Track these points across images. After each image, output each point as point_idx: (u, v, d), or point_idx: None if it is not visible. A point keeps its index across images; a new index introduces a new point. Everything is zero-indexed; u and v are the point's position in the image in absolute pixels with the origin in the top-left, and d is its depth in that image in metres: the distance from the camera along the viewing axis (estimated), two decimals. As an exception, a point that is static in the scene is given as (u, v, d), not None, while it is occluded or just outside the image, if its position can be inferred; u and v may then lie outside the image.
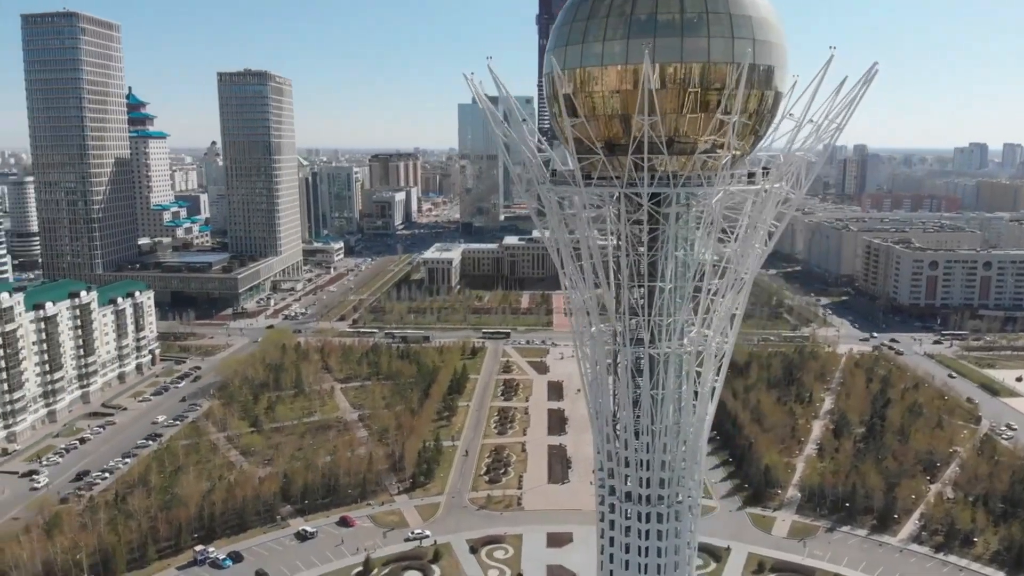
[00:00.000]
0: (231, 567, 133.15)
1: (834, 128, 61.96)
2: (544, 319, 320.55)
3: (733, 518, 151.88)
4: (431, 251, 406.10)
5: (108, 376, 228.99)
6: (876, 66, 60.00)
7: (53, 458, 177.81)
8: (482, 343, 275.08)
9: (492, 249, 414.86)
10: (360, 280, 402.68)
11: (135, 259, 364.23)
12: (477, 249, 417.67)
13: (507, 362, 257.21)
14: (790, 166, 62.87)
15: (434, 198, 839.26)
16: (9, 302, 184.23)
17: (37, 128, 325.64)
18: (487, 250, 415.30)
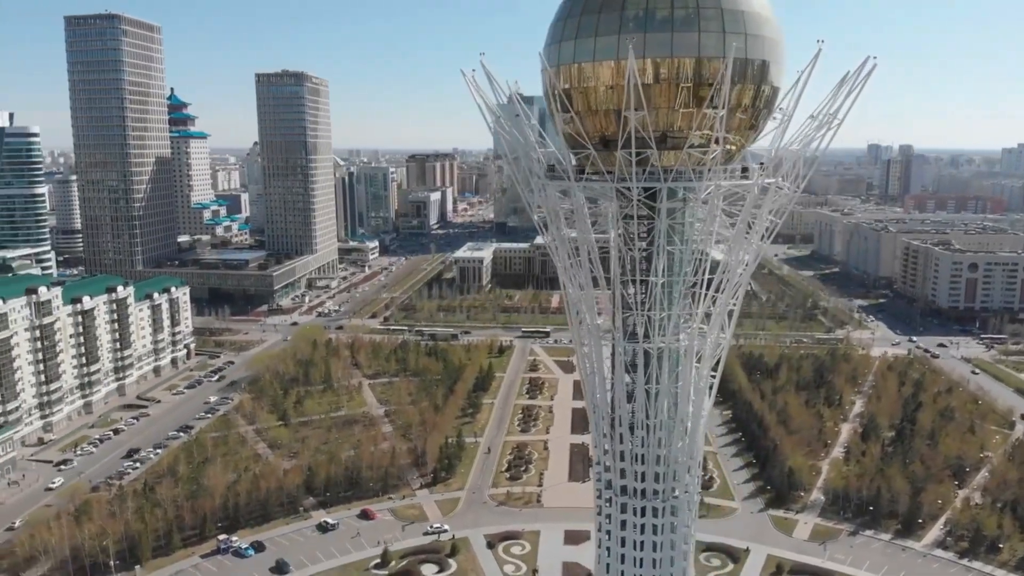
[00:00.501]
0: (253, 556, 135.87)
1: (834, 123, 61.59)
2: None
3: (754, 520, 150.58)
4: (463, 250, 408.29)
5: (144, 369, 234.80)
6: (875, 61, 59.59)
7: (87, 448, 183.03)
8: (510, 341, 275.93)
9: (523, 248, 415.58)
10: (393, 278, 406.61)
11: (174, 256, 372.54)
12: (508, 248, 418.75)
13: (534, 360, 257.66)
14: (783, 161, 62.55)
15: (470, 198, 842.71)
16: (47, 296, 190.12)
17: (80, 128, 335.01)
18: (518, 249, 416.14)
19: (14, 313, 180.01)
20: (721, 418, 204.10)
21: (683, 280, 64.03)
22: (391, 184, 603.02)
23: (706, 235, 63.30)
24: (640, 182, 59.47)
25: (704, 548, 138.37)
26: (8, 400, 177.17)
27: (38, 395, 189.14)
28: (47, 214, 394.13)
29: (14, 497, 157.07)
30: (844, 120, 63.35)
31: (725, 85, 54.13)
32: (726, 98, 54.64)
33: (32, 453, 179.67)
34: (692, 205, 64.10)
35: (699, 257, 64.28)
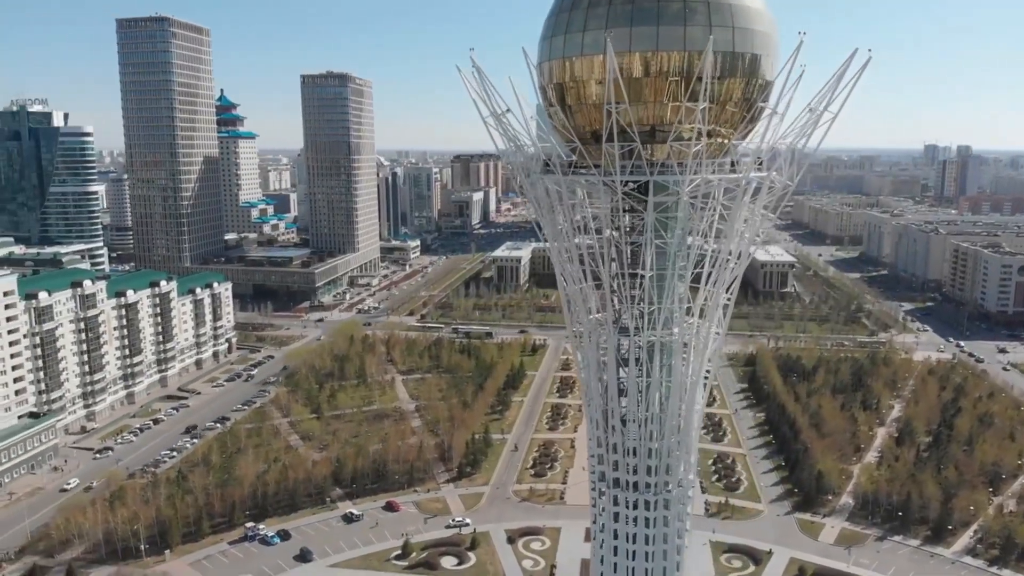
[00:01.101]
0: (278, 544, 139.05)
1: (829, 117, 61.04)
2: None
3: (780, 522, 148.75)
4: (501, 249, 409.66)
5: (186, 362, 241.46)
6: (869, 53, 58.86)
7: (127, 436, 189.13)
8: (544, 340, 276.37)
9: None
10: (432, 277, 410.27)
11: (221, 253, 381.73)
12: (547, 248, 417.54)
13: (567, 359, 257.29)
14: (777, 156, 62.16)
15: (514, 198, 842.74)
16: (92, 289, 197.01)
17: (131, 127, 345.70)
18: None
19: (59, 305, 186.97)
20: (754, 420, 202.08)
21: (674, 274, 63.89)
22: (434, 184, 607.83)
23: (696, 229, 62.96)
24: (624, 176, 59.63)
25: (726, 549, 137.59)
26: (52, 389, 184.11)
27: (82, 385, 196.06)
28: (100, 211, 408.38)
29: (55, 482, 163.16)
30: (839, 114, 62.86)
31: (706, 79, 54.11)
32: (706, 92, 54.59)
33: (75, 441, 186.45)
34: (685, 199, 63.94)
35: (686, 252, 63.93)
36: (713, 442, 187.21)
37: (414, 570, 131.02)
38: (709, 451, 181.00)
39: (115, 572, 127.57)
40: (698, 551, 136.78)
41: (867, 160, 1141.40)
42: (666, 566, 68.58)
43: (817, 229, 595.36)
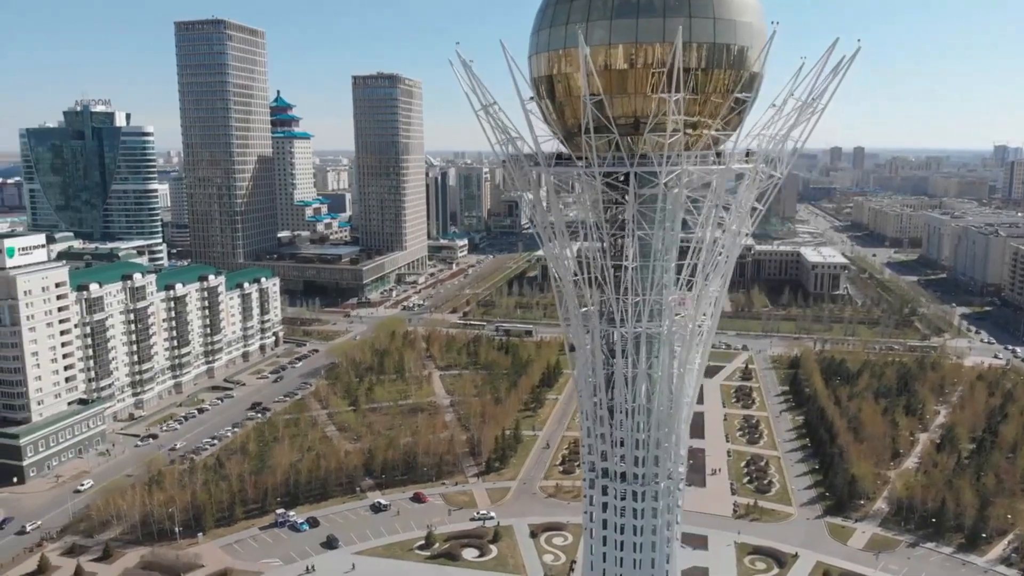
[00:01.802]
0: (307, 531, 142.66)
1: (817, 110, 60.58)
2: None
3: (810, 526, 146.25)
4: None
5: (233, 354, 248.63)
6: (858, 43, 58.40)
7: (172, 424, 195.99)
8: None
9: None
10: (478, 275, 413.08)
11: (274, 250, 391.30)
12: (590, 247, 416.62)
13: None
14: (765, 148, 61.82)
15: (565, 198, 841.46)
16: (141, 282, 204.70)
17: (189, 128, 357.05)
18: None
19: (110, 297, 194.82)
20: (792, 423, 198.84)
21: (659, 266, 63.99)
22: (485, 184, 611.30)
23: (677, 221, 62.96)
24: (604, 167, 60.09)
25: (751, 551, 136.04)
26: (102, 377, 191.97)
27: (131, 374, 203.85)
28: (160, 209, 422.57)
29: (101, 466, 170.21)
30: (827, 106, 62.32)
31: (676, 69, 54.19)
32: (679, 83, 54.66)
33: (122, 427, 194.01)
34: (674, 192, 64.00)
35: (671, 244, 63.97)
36: (748, 444, 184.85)
37: (436, 560, 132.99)
38: (742, 453, 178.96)
39: (149, 552, 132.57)
40: (722, 552, 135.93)
41: (934, 161, 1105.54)
42: (655, 558, 68.62)
43: (876, 231, 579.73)
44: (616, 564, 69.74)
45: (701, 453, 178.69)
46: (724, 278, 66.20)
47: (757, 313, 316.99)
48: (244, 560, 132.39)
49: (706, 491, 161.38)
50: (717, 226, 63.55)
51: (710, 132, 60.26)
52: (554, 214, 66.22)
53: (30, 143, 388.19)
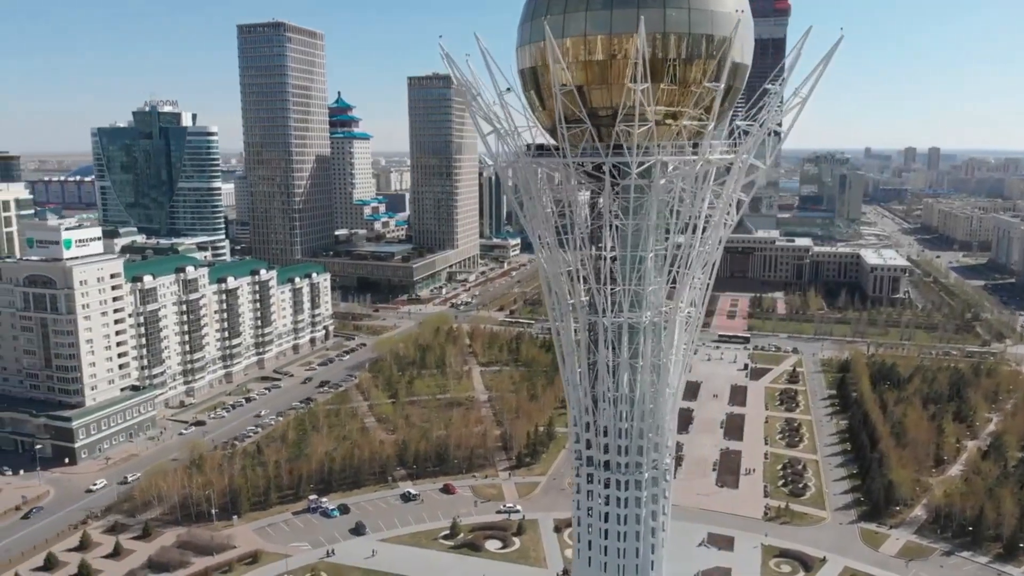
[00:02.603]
0: (337, 517, 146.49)
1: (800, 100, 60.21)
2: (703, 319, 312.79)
3: (842, 531, 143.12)
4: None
5: (283, 346, 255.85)
6: (840, 32, 57.88)
7: (220, 412, 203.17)
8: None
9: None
10: (528, 274, 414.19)
11: (331, 247, 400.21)
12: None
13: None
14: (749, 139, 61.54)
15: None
16: (194, 275, 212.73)
17: (249, 128, 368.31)
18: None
19: (163, 288, 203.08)
20: (836, 427, 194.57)
21: (639, 256, 64.17)
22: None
23: (653, 211, 63.04)
24: (576, 157, 60.73)
25: (777, 553, 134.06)
26: (154, 365, 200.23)
27: (183, 363, 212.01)
28: (224, 207, 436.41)
29: (149, 450, 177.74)
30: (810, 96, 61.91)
31: (641, 58, 54.49)
32: (641, 73, 54.95)
33: (172, 413, 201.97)
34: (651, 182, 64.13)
35: (651, 234, 64.07)
36: (787, 447, 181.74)
37: (458, 550, 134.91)
38: (780, 455, 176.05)
39: (185, 532, 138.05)
40: (748, 553, 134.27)
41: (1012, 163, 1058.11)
42: (639, 547, 68.82)
43: (945, 233, 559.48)
44: (601, 552, 70.21)
45: (737, 455, 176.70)
46: (708, 269, 65.96)
47: (811, 316, 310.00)
48: (274, 543, 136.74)
49: (738, 493, 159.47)
50: (699, 217, 63.35)
51: (683, 123, 60.19)
52: (536, 203, 66.88)
53: (101, 142, 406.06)
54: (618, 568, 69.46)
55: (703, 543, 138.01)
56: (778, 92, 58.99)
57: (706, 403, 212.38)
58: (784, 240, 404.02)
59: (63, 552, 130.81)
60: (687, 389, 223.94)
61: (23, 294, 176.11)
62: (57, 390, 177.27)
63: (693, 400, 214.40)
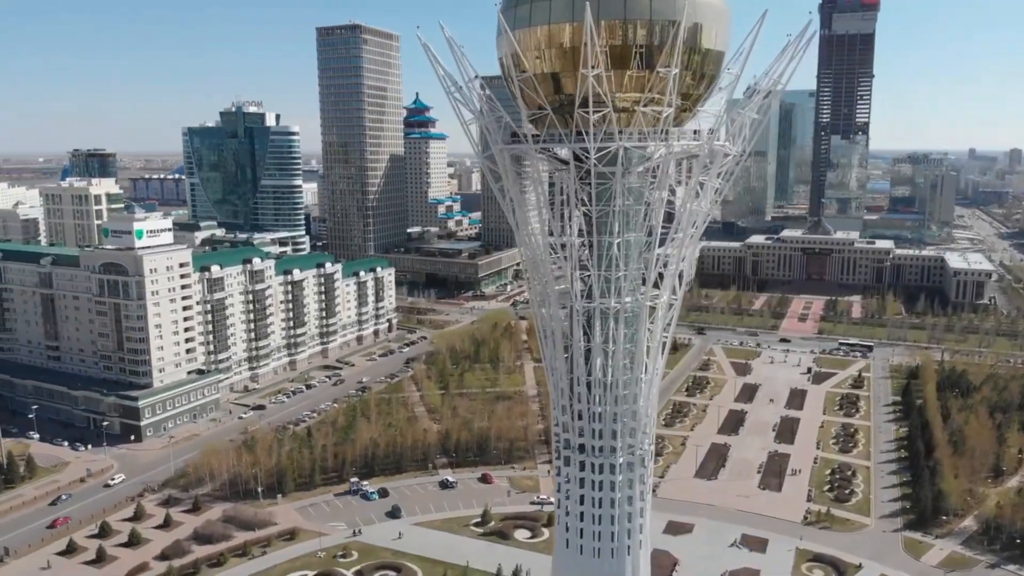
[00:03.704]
0: (376, 500, 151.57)
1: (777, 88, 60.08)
2: (771, 321, 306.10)
3: (884, 538, 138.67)
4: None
5: (347, 337, 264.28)
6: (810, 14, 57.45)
7: (280, 398, 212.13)
8: (688, 339, 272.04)
9: (734, 248, 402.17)
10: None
11: (403, 243, 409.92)
12: (717, 247, 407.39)
13: (707, 360, 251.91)
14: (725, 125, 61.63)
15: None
16: (260, 266, 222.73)
17: (327, 127, 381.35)
18: (728, 248, 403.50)
19: (230, 279, 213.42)
20: (894, 434, 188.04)
21: (608, 242, 64.86)
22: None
23: (618, 197, 63.63)
24: (541, 143, 62.08)
25: (811, 557, 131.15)
26: (220, 351, 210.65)
27: (248, 349, 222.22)
28: (305, 205, 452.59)
29: (210, 431, 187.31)
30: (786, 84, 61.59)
31: (591, 44, 55.38)
32: (592, 59, 55.86)
33: (236, 397, 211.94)
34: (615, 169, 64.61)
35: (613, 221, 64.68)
36: (840, 452, 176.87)
37: (487, 537, 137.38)
38: (830, 460, 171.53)
39: (231, 508, 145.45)
40: (781, 556, 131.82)
41: None
42: (615, 531, 69.53)
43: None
44: (578, 535, 71.29)
45: (784, 458, 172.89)
46: (685, 256, 66.22)
47: (885, 320, 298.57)
48: (313, 522, 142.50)
49: (780, 496, 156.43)
50: (661, 203, 63.72)
51: (650, 109, 60.64)
52: (514, 190, 68.41)
53: (191, 141, 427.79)
54: (594, 551, 70.35)
55: (735, 543, 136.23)
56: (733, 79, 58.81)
57: (761, 406, 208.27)
58: (863, 242, 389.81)
59: (117, 521, 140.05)
60: (743, 392, 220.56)
61: (99, 280, 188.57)
62: (127, 371, 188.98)
63: (748, 403, 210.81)
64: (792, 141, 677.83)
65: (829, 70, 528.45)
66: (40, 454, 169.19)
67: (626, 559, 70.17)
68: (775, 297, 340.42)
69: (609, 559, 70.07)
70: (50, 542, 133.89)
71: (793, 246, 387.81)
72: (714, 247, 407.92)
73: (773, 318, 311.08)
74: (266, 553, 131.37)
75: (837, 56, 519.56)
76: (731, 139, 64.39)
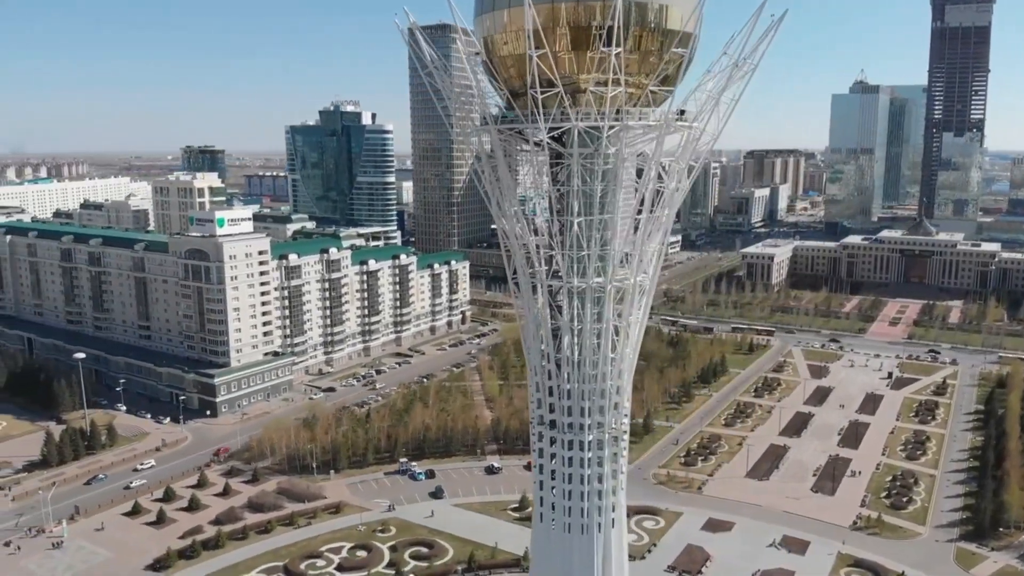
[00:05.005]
0: (422, 481, 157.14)
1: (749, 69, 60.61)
2: (858, 325, 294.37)
3: (935, 548, 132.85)
4: (756, 246, 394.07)
5: (420, 327, 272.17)
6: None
7: (350, 381, 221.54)
8: (767, 340, 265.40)
9: (829, 248, 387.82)
10: (680, 272, 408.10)
11: (487, 239, 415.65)
12: (812, 247, 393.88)
13: (783, 361, 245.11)
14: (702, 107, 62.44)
15: (813, 196, 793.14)
16: (337, 256, 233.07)
17: (416, 126, 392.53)
18: (823, 248, 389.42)
19: (307, 267, 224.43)
20: (969, 443, 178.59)
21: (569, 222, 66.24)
22: (712, 181, 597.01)
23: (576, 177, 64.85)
24: (499, 125, 64.22)
25: (852, 563, 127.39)
26: (296, 335, 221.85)
27: (323, 335, 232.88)
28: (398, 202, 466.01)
29: (281, 409, 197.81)
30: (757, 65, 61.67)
31: (528, 25, 57.07)
32: (529, 39, 57.52)
33: (310, 380, 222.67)
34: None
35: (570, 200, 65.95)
36: (906, 459, 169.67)
37: (520, 522, 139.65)
38: (894, 467, 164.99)
39: (286, 480, 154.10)
40: (820, 559, 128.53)
41: None
42: (584, 507, 70.86)
43: None
44: (550, 510, 73.07)
45: (845, 463, 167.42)
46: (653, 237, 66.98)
47: (981, 326, 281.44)
48: (359, 498, 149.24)
49: (832, 499, 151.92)
50: (616, 181, 64.68)
51: (592, 88, 61.56)
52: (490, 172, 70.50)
53: (293, 139, 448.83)
54: (564, 526, 71.89)
55: (774, 544, 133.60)
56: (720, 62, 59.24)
57: (831, 410, 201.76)
58: (967, 244, 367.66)
59: (182, 488, 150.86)
60: (814, 395, 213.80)
61: (184, 265, 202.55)
62: (208, 351, 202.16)
63: (817, 406, 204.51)
64: (905, 139, 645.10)
65: (942, 64, 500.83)
66: (124, 424, 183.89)
67: (596, 535, 71.42)
68: (867, 300, 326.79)
69: (579, 535, 71.52)
70: (119, 503, 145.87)
71: (891, 247, 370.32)
72: (808, 247, 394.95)
73: (862, 321, 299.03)
74: (311, 524, 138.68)
75: (950, 49, 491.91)
76: (700, 119, 64.61)
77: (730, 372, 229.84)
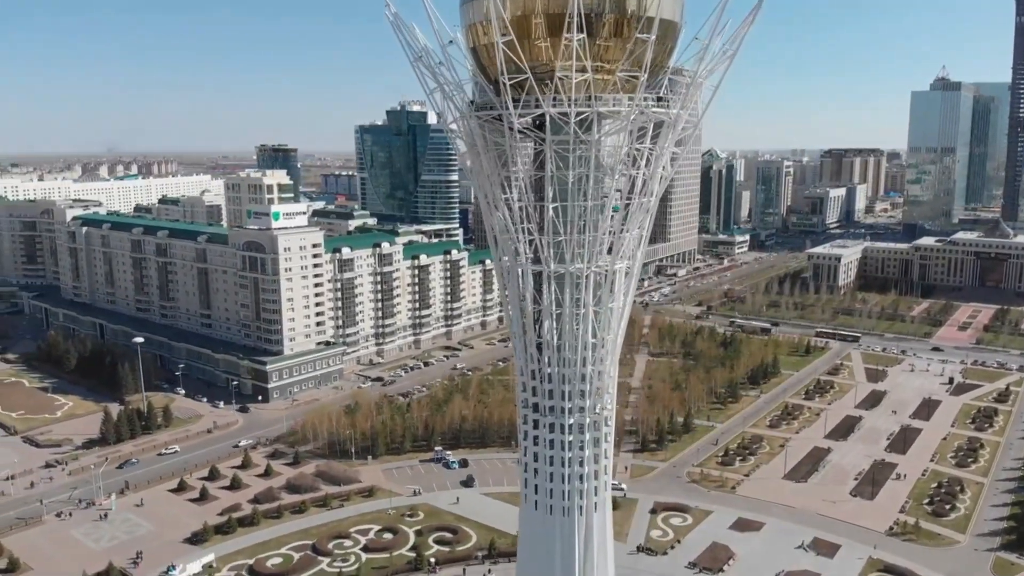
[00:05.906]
0: (455, 469, 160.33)
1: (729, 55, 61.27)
2: (924, 329, 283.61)
3: (973, 556, 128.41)
4: (823, 247, 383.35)
5: (471, 321, 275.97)
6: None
7: (399, 372, 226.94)
8: (826, 343, 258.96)
9: (901, 250, 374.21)
10: (745, 272, 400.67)
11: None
12: (882, 248, 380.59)
13: (839, 364, 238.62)
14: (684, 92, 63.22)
15: (894, 197, 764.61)
16: (389, 250, 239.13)
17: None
18: (895, 250, 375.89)
19: (360, 260, 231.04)
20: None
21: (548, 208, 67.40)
22: (785, 180, 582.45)
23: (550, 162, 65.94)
24: (473, 113, 65.98)
25: (881, 568, 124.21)
26: (348, 326, 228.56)
27: (375, 327, 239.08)
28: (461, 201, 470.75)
29: (329, 396, 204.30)
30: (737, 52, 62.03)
31: (493, 12, 58.59)
32: (498, 26, 59.01)
33: (360, 369, 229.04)
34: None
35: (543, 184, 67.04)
36: (955, 466, 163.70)
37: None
38: (941, 473, 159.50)
39: (324, 463, 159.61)
40: (849, 563, 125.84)
41: None
42: (566, 490, 72.08)
43: None
44: (534, 491, 74.57)
45: (889, 468, 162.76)
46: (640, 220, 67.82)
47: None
48: (393, 483, 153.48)
49: (870, 504, 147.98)
50: (590, 166, 65.56)
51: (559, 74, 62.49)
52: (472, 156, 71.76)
53: (361, 138, 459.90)
54: (547, 508, 73.29)
55: (802, 546, 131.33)
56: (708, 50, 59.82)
57: (882, 414, 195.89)
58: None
59: (226, 467, 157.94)
60: (867, 399, 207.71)
61: (242, 257, 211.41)
62: (263, 339, 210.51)
63: (868, 410, 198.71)
64: (990, 139, 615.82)
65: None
66: (181, 407, 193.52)
67: (577, 518, 72.57)
68: (937, 304, 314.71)
69: (561, 516, 72.82)
70: (167, 480, 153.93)
71: (966, 249, 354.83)
72: (878, 248, 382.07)
73: (929, 325, 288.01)
74: (343, 506, 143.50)
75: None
76: (682, 105, 65.08)
77: (782, 374, 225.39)
